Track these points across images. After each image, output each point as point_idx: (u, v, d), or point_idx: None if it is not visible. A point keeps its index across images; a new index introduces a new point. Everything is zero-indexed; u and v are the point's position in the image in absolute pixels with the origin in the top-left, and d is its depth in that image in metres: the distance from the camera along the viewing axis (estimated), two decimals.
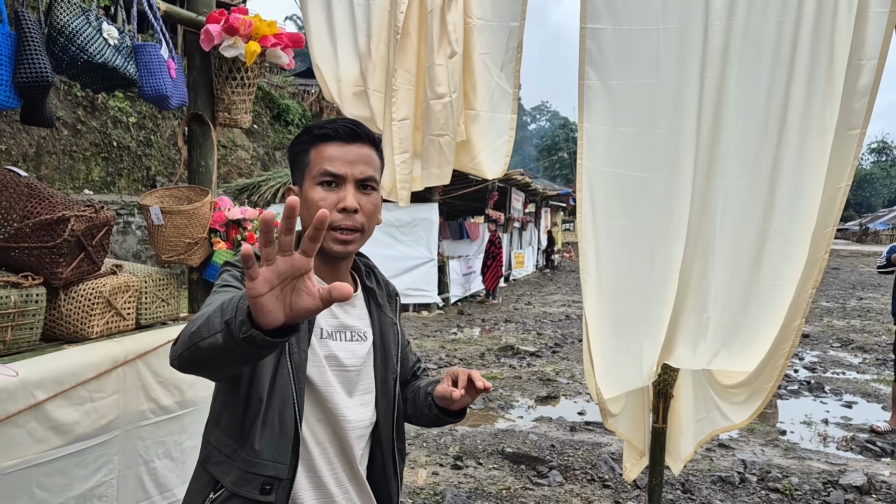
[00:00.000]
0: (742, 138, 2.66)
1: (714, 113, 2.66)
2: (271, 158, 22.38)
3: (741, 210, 2.73)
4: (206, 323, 1.10)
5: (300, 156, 1.45)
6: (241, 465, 1.37)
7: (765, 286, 2.73)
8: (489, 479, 4.39)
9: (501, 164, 3.20)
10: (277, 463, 1.36)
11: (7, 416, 1.92)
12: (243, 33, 2.59)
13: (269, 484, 1.36)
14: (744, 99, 2.62)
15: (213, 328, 1.08)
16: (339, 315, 1.49)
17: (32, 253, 2.17)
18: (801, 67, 2.54)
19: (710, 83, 2.63)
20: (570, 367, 8.15)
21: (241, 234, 2.76)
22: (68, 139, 14.15)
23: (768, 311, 2.71)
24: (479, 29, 3.03)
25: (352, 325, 1.50)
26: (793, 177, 2.62)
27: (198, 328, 1.12)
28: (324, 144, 1.41)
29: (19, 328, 2.12)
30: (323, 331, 1.45)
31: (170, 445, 2.64)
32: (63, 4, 2.02)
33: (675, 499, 4.07)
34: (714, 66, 2.61)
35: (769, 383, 2.75)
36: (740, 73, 2.60)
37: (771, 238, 2.70)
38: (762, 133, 2.63)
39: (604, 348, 2.91)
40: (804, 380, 7.72)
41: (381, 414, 1.52)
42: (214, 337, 1.07)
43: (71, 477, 2.18)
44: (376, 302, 1.56)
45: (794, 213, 2.63)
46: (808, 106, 2.55)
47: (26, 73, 1.88)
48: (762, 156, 2.65)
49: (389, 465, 1.55)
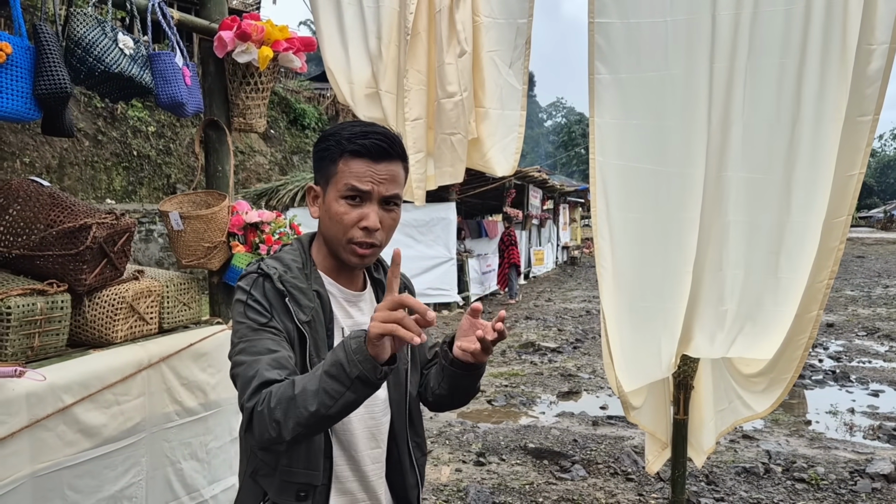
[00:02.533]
0: (754, 129, 2.65)
1: (724, 104, 2.65)
2: (289, 163, 22.53)
3: (755, 202, 2.72)
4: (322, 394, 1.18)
5: (326, 162, 1.44)
6: (280, 476, 1.42)
7: (783, 278, 2.72)
8: (512, 475, 4.40)
9: (511, 161, 3.21)
10: (310, 470, 1.41)
11: (37, 419, 1.97)
12: (255, 39, 2.63)
13: (304, 491, 1.41)
14: (754, 89, 2.62)
15: (336, 393, 1.18)
16: (353, 314, 1.52)
17: (57, 260, 2.23)
18: (812, 55, 2.52)
19: (720, 74, 2.62)
20: (592, 362, 8.14)
21: (259, 237, 2.80)
22: (89, 150, 14.36)
23: (784, 302, 2.69)
24: (487, 27, 3.05)
25: (363, 322, 1.52)
26: (808, 167, 2.61)
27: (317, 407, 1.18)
28: (354, 159, 1.40)
29: (46, 334, 2.17)
30: (343, 331, 1.48)
31: (195, 447, 2.69)
32: (79, 17, 2.07)
33: (699, 490, 4.05)
34: (723, 56, 2.61)
35: (788, 374, 2.74)
36: (750, 63, 2.59)
37: (788, 230, 2.69)
38: (774, 123, 2.62)
39: (622, 341, 2.92)
40: (829, 369, 7.64)
41: (393, 406, 1.54)
42: (345, 397, 1.18)
43: (101, 479, 2.23)
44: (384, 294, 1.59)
45: (811, 204, 2.62)
46: (821, 94, 2.54)
47: (46, 85, 1.92)
48: (775, 146, 2.64)
49: (405, 458, 1.56)
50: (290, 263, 1.47)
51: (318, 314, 1.44)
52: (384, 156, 1.40)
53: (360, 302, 1.54)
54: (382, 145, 1.40)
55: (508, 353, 8.79)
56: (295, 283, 1.43)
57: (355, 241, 1.41)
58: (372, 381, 1.17)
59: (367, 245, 1.42)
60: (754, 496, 4.00)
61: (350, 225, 1.40)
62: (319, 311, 1.44)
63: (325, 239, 1.48)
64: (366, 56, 3.19)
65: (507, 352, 8.83)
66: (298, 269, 1.47)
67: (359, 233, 1.40)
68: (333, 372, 1.18)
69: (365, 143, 1.39)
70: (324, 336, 1.44)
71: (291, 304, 1.40)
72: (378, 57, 3.16)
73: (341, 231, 1.41)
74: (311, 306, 1.43)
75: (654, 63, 2.71)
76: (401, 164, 1.45)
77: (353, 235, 1.40)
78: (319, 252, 1.52)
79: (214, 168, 2.90)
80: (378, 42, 3.15)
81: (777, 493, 4.07)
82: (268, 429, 1.23)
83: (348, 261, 1.44)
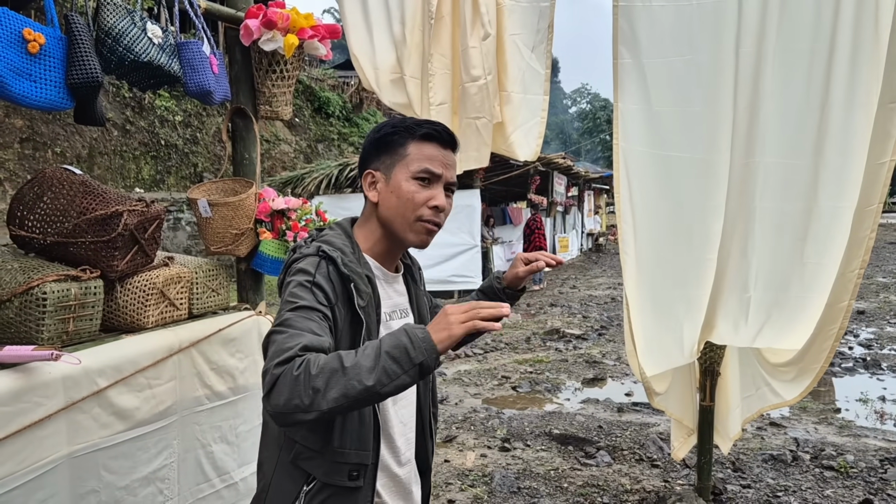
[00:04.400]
0: (782, 114, 2.61)
1: (751, 89, 2.61)
2: (313, 151, 22.65)
3: (782, 188, 2.69)
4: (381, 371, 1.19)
5: (396, 146, 1.50)
6: (331, 458, 1.44)
7: (809, 265, 2.68)
8: (537, 461, 4.42)
9: (534, 146, 3.21)
10: (360, 451, 1.45)
11: (73, 402, 2.02)
12: (281, 27, 2.65)
13: (356, 471, 1.45)
14: (783, 74, 2.58)
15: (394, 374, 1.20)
16: (392, 295, 1.59)
17: (89, 247, 2.27)
18: (843, 39, 2.47)
19: (747, 59, 2.58)
20: (617, 349, 8.11)
21: (286, 224, 2.83)
22: (118, 139, 14.56)
23: (813, 290, 2.66)
24: (510, 10, 3.03)
25: (400, 303, 1.61)
26: (838, 153, 2.56)
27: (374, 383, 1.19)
28: (426, 143, 1.49)
29: (80, 319, 2.22)
30: (384, 314, 1.53)
31: (225, 430, 2.74)
32: (109, 7, 2.10)
33: (725, 477, 4.03)
34: (750, 41, 2.57)
35: (818, 363, 2.70)
36: (778, 47, 2.55)
37: (816, 216, 2.65)
38: (803, 109, 2.57)
39: (644, 327, 2.92)
40: (859, 357, 7.53)
41: (423, 382, 1.64)
42: (401, 379, 1.21)
43: (134, 460, 2.29)
44: (412, 277, 1.68)
45: (842, 191, 2.57)
46: (852, 79, 2.49)
47: (78, 74, 1.96)
48: (804, 132, 2.60)
49: (427, 428, 1.68)
50: (342, 248, 1.48)
51: (371, 299, 1.48)
52: (450, 143, 1.53)
53: (397, 283, 1.62)
54: (449, 132, 1.53)
55: (533, 339, 8.79)
56: (354, 268, 1.46)
57: (424, 218, 1.48)
58: (430, 369, 1.22)
59: (435, 223, 1.50)
60: (782, 483, 3.97)
61: (421, 203, 1.47)
62: (371, 296, 1.48)
63: (387, 220, 1.51)
64: (390, 41, 3.19)
65: (532, 338, 8.83)
66: (352, 253, 1.50)
67: (428, 211, 1.48)
68: (396, 354, 1.20)
69: (437, 128, 1.50)
70: (374, 320, 1.48)
71: (354, 289, 1.42)
72: (402, 42, 3.17)
73: (411, 209, 1.47)
74: (367, 291, 1.46)
75: (678, 48, 2.68)
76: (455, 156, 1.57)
77: (422, 213, 1.47)
78: (369, 236, 1.56)
79: (241, 156, 2.93)
80: (402, 27, 3.15)
81: (805, 480, 4.04)
82: (301, 395, 1.19)
83: (415, 240, 1.51)
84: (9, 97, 1.81)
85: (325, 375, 1.19)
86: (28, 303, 2.07)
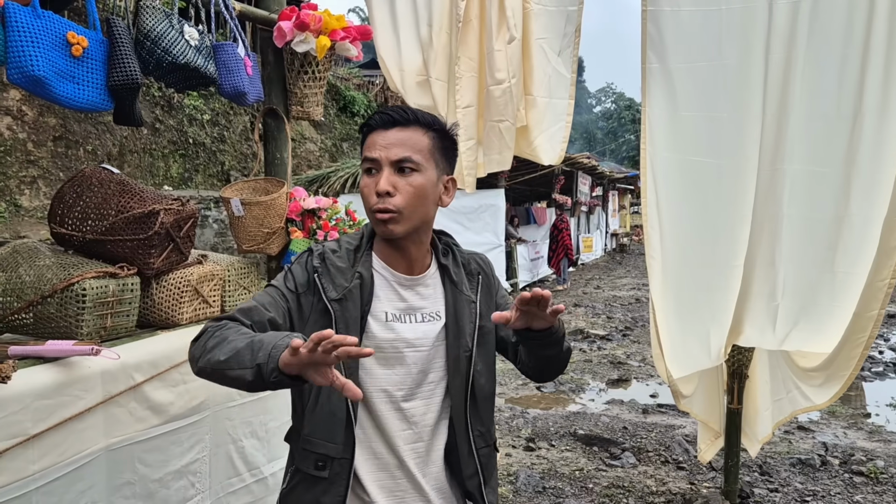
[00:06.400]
0: (811, 121, 2.58)
1: (780, 95, 2.59)
2: (339, 150, 22.78)
3: (811, 196, 2.66)
4: (236, 357, 1.27)
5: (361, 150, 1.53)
6: (302, 444, 1.50)
7: (839, 274, 2.65)
8: (562, 461, 4.42)
9: (558, 150, 3.22)
10: (328, 442, 1.46)
11: (110, 396, 2.07)
12: (314, 28, 2.69)
13: (322, 461, 1.46)
14: (813, 79, 2.55)
15: (242, 364, 1.25)
16: (407, 298, 1.53)
17: (126, 245, 2.33)
18: (877, 44, 2.44)
19: (776, 64, 2.56)
20: (641, 350, 8.07)
21: (317, 223, 2.87)
22: (148, 138, 14.77)
23: (842, 299, 2.63)
24: (536, 14, 3.04)
25: (422, 307, 1.54)
26: (869, 161, 2.53)
27: (227, 359, 1.27)
28: (369, 135, 1.48)
29: (117, 315, 2.27)
30: (388, 314, 1.51)
31: (255, 426, 2.78)
32: (148, 10, 2.15)
33: (752, 481, 4.01)
34: (780, 46, 2.55)
35: (847, 371, 2.68)
36: (808, 53, 2.52)
37: (847, 226, 2.62)
38: (834, 115, 2.54)
39: (671, 330, 2.91)
40: (890, 361, 7.42)
41: (453, 392, 1.53)
42: (243, 372, 1.25)
43: (168, 454, 2.34)
44: (451, 279, 1.57)
45: (872, 199, 2.54)
46: (886, 86, 2.45)
47: (118, 76, 2.01)
48: (834, 139, 2.57)
49: (464, 445, 1.54)
50: (342, 244, 1.55)
51: (353, 294, 1.47)
52: (391, 123, 1.45)
53: (418, 286, 1.55)
54: (391, 115, 1.46)
55: None
56: (335, 261, 1.51)
57: (373, 208, 1.44)
58: (264, 377, 1.22)
59: (382, 210, 1.43)
60: (810, 488, 3.94)
61: (370, 194, 1.44)
62: (356, 292, 1.47)
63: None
64: (417, 43, 3.22)
65: None
66: (348, 251, 1.54)
67: (374, 199, 1.43)
68: (255, 347, 1.25)
69: (376, 115, 1.48)
70: (356, 315, 1.46)
71: (322, 280, 1.48)
72: (429, 44, 3.19)
73: (366, 204, 1.47)
74: (345, 286, 1.47)
75: (706, 52, 2.67)
76: (418, 130, 1.47)
77: (371, 204, 1.44)
78: (380, 241, 1.56)
79: (273, 155, 2.98)
80: (429, 29, 3.18)
81: (834, 485, 4.00)
82: (198, 348, 1.36)
83: (379, 232, 1.49)
84: (53, 98, 1.87)
85: (216, 339, 1.32)
86: (68, 299, 2.13)
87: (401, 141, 1.44)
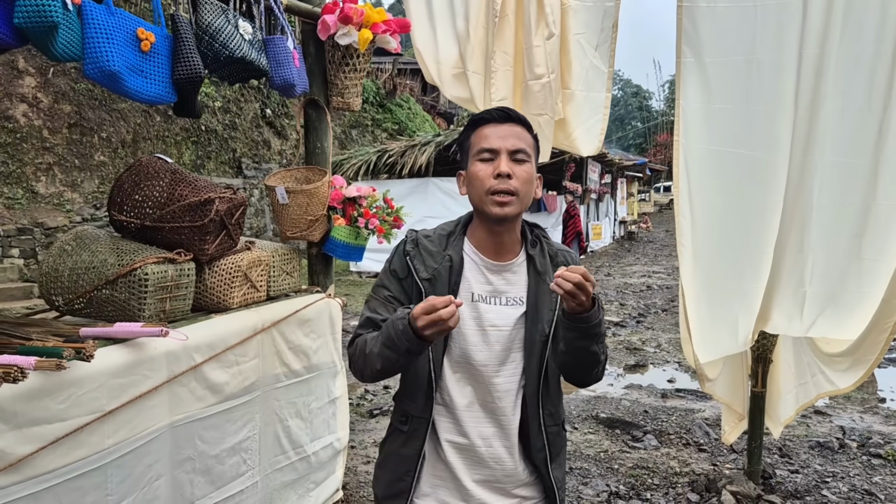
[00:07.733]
0: (842, 114, 2.66)
1: (813, 89, 2.66)
2: (347, 136, 22.82)
3: (841, 186, 2.74)
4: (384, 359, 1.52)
5: (464, 143, 1.65)
6: (397, 401, 1.76)
7: (866, 261, 2.74)
8: (586, 443, 4.52)
9: (596, 142, 3.29)
10: (411, 402, 1.68)
11: (174, 375, 2.18)
12: (356, 22, 2.76)
13: (404, 416, 1.70)
14: (845, 75, 2.62)
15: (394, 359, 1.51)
16: (493, 282, 1.65)
17: (183, 232, 2.42)
18: None
19: (809, 59, 2.63)
20: (656, 336, 8.16)
21: (357, 210, 2.96)
22: (161, 125, 14.85)
23: (869, 286, 2.71)
24: (574, 10, 3.11)
25: (506, 291, 1.65)
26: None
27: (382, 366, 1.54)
28: (481, 127, 1.61)
29: (175, 299, 2.37)
30: (474, 295, 1.63)
31: (300, 406, 2.89)
32: (207, 6, 2.23)
33: (773, 462, 4.10)
34: (813, 42, 2.61)
35: (872, 355, 2.77)
36: (841, 48, 2.59)
37: (873, 214, 2.70)
38: (865, 109, 2.62)
39: (699, 317, 3.00)
40: None
41: (528, 374, 1.64)
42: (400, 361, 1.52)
43: (223, 431, 2.45)
44: (536, 269, 1.66)
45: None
46: None
47: (183, 70, 2.10)
48: (864, 132, 2.64)
49: (534, 422, 1.65)
50: (437, 230, 1.71)
51: (442, 275, 1.61)
52: (505, 119, 1.61)
53: (505, 272, 1.65)
54: (501, 110, 1.62)
55: None
56: (427, 245, 1.67)
57: (493, 190, 1.55)
58: (418, 351, 1.46)
59: (504, 192, 1.55)
60: (829, 469, 4.03)
61: (486, 178, 1.56)
62: (444, 273, 1.61)
63: (474, 204, 1.63)
64: (453, 37, 3.29)
65: None
66: (440, 236, 1.68)
67: (494, 181, 1.55)
68: (389, 345, 1.48)
69: (488, 111, 1.62)
70: (445, 294, 1.57)
71: (414, 262, 1.64)
72: (465, 38, 3.26)
73: (481, 186, 1.57)
74: (434, 267, 1.63)
75: (740, 47, 2.73)
76: (523, 128, 1.62)
77: (490, 185, 1.56)
78: (474, 228, 1.68)
79: (314, 145, 3.06)
80: (466, 23, 3.25)
81: (853, 467, 4.09)
82: (355, 369, 1.64)
83: (491, 212, 1.57)
84: (124, 92, 1.96)
85: (361, 358, 1.59)
86: (131, 283, 2.23)
87: (515, 134, 1.59)
